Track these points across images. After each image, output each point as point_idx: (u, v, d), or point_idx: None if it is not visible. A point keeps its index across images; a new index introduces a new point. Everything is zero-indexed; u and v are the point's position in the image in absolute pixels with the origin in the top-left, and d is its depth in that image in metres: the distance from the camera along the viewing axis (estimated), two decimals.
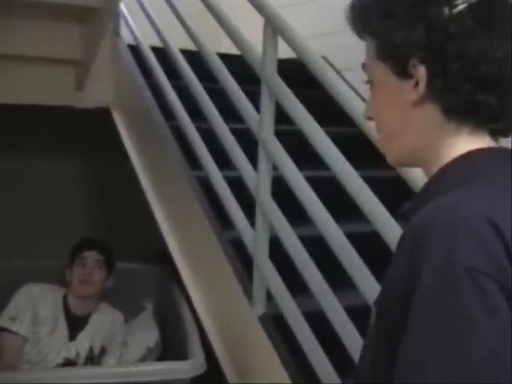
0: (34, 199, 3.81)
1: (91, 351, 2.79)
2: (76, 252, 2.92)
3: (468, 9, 0.82)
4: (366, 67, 0.93)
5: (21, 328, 2.72)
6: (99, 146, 3.62)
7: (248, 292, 2.16)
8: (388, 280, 0.81)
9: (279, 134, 2.09)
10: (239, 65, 2.32)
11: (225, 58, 2.50)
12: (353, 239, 1.81)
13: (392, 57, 0.88)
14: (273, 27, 2.03)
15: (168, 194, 2.78)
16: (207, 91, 2.57)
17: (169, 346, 2.92)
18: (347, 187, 1.77)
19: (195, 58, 2.67)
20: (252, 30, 2.32)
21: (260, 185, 2.10)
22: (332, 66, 2.39)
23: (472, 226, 0.72)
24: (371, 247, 1.70)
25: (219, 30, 2.47)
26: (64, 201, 3.89)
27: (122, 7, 3.27)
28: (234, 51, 2.39)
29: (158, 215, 2.75)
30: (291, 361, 1.97)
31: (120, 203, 3.77)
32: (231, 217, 2.28)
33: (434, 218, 0.74)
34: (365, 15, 0.90)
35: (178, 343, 2.52)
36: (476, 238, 0.71)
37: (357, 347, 1.68)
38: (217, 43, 3.29)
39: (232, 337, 2.30)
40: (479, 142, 0.86)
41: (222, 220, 2.35)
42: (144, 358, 2.86)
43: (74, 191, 3.95)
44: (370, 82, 0.93)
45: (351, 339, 1.73)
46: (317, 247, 1.89)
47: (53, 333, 2.77)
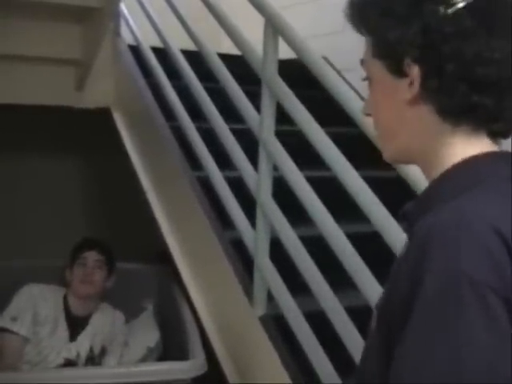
0: (35, 199, 3.81)
1: (92, 351, 2.79)
2: (76, 252, 2.92)
3: (466, 9, 0.81)
4: (365, 63, 0.93)
5: (21, 328, 2.72)
6: (99, 147, 3.62)
7: (248, 292, 2.16)
8: (391, 284, 0.80)
9: (280, 135, 2.09)
10: (240, 65, 2.32)
11: (225, 59, 2.50)
12: (353, 239, 1.81)
13: (387, 55, 0.87)
14: (273, 27, 2.03)
15: (168, 195, 2.78)
16: (208, 91, 2.57)
17: (169, 347, 2.92)
18: (348, 187, 1.77)
19: (196, 59, 2.67)
20: (252, 31, 2.32)
21: (260, 185, 2.10)
22: (332, 67, 2.38)
23: (477, 236, 0.71)
24: (372, 247, 1.70)
25: (220, 31, 2.47)
26: (64, 201, 3.89)
27: (123, 7, 3.27)
28: (235, 51, 2.38)
29: (159, 215, 2.75)
30: (292, 361, 1.97)
31: (120, 203, 3.77)
32: (232, 217, 2.28)
33: (439, 227, 0.73)
34: (362, 12, 0.89)
35: (179, 343, 2.52)
36: (481, 248, 0.70)
37: (357, 347, 1.68)
38: (217, 43, 3.29)
39: (232, 337, 2.30)
40: (477, 143, 0.85)
41: (223, 220, 2.35)
42: (144, 359, 2.86)
43: (75, 191, 3.95)
44: (368, 79, 0.93)
45: (352, 339, 1.73)
46: (317, 247, 1.89)
47: (53, 333, 2.77)
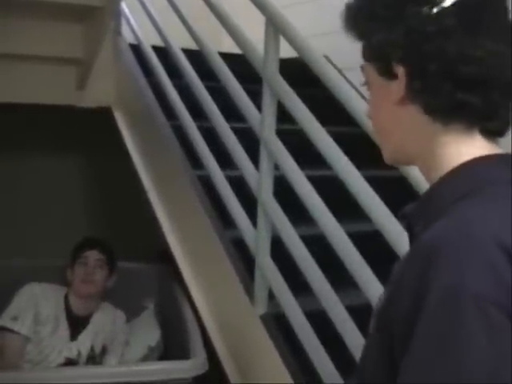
0: (35, 198, 3.82)
1: (93, 351, 2.79)
2: (77, 251, 2.92)
3: (450, 8, 0.81)
4: (363, 68, 0.94)
5: (22, 328, 2.72)
6: (100, 146, 3.62)
7: (250, 291, 2.16)
8: (391, 291, 0.80)
9: (281, 134, 2.09)
10: (241, 64, 2.32)
11: (226, 57, 2.50)
12: (354, 238, 1.81)
13: (375, 58, 0.89)
14: (274, 26, 2.03)
15: (169, 194, 2.78)
16: (209, 90, 2.57)
17: (170, 346, 2.92)
18: (349, 186, 1.77)
19: (197, 58, 2.67)
20: (253, 30, 2.32)
21: (262, 184, 2.10)
22: (333, 66, 2.38)
23: (480, 250, 0.71)
24: (373, 246, 1.70)
25: (221, 30, 2.46)
26: (65, 200, 3.89)
27: (124, 6, 3.27)
28: (236, 50, 2.38)
29: (160, 215, 2.75)
30: (293, 360, 1.97)
31: (121, 203, 3.77)
32: (233, 216, 2.28)
33: (443, 240, 0.73)
34: (354, 17, 0.91)
35: (180, 342, 2.52)
36: (484, 262, 0.70)
37: (358, 347, 1.68)
38: (218, 42, 3.29)
39: (233, 336, 2.30)
40: (471, 142, 0.85)
41: (224, 219, 2.35)
42: (145, 358, 2.86)
43: (76, 190, 3.96)
44: (367, 83, 0.94)
45: (353, 339, 1.73)
46: (318, 246, 1.89)
47: (54, 332, 2.77)
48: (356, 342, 1.71)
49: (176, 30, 2.86)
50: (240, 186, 2.28)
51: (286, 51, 2.06)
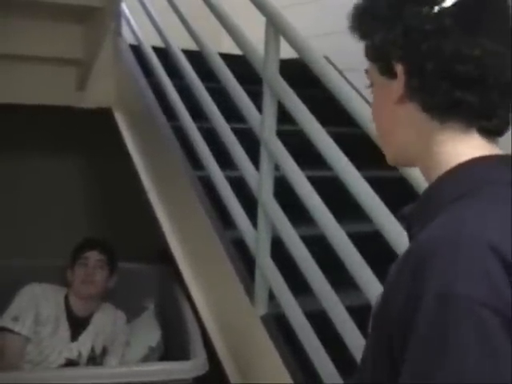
0: (36, 199, 3.82)
1: (93, 351, 2.79)
2: (78, 252, 2.92)
3: (450, 8, 0.83)
4: (368, 72, 0.95)
5: (23, 328, 2.72)
6: (101, 146, 3.62)
7: (250, 292, 2.16)
8: (387, 293, 0.80)
9: (281, 134, 2.09)
10: (241, 64, 2.32)
11: (226, 58, 2.50)
12: (354, 239, 1.81)
13: (377, 57, 0.90)
14: (275, 27, 2.03)
15: (170, 194, 2.78)
16: (209, 91, 2.57)
17: (171, 346, 2.92)
18: (349, 187, 1.77)
19: (197, 58, 2.67)
20: (254, 30, 2.32)
21: (262, 185, 2.10)
22: (334, 67, 2.38)
23: (474, 255, 0.70)
24: (373, 247, 1.70)
25: (221, 30, 2.47)
26: (65, 201, 3.90)
27: (124, 7, 3.27)
28: (236, 51, 2.38)
29: (160, 215, 2.75)
30: (293, 361, 1.97)
31: (121, 203, 3.77)
32: (233, 217, 2.28)
33: (437, 243, 0.73)
34: (358, 17, 0.92)
35: (180, 343, 2.52)
36: (478, 268, 0.70)
37: (359, 347, 1.68)
38: (218, 43, 3.29)
39: (234, 337, 2.30)
40: (468, 141, 0.85)
41: (224, 220, 2.35)
42: (146, 358, 2.86)
43: (76, 191, 3.96)
44: (371, 85, 0.95)
45: (353, 339, 1.73)
46: (319, 247, 1.89)
47: (54, 333, 2.77)
48: (356, 343, 1.71)
49: (176, 31, 2.86)
50: (240, 187, 2.28)
51: (287, 52, 2.06)
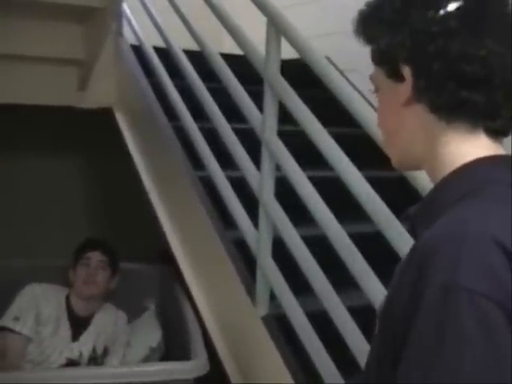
0: (36, 199, 3.82)
1: (94, 351, 2.79)
2: (80, 252, 2.92)
3: (455, 11, 0.84)
4: (372, 77, 0.96)
5: (24, 328, 2.72)
6: (102, 146, 3.62)
7: (251, 292, 2.16)
8: (392, 292, 0.81)
9: (282, 134, 2.09)
10: (242, 65, 2.32)
11: (227, 58, 2.50)
12: (356, 239, 1.81)
13: (383, 60, 0.91)
14: (276, 27, 2.03)
15: (171, 194, 2.78)
16: (210, 91, 2.57)
17: (172, 346, 2.92)
18: (350, 187, 1.77)
19: (198, 58, 2.67)
20: (255, 30, 2.32)
21: (263, 185, 2.10)
22: (335, 67, 2.38)
23: (478, 249, 0.71)
24: (374, 247, 1.70)
25: (222, 30, 2.46)
26: (66, 201, 3.90)
27: (125, 7, 3.27)
28: (237, 51, 2.38)
29: (161, 215, 2.75)
30: (294, 361, 1.97)
31: (122, 203, 3.77)
32: (234, 217, 2.28)
33: (441, 240, 0.74)
34: (364, 22, 0.93)
35: (181, 343, 2.52)
36: (481, 261, 0.71)
37: (360, 347, 1.68)
38: (219, 43, 3.29)
39: (235, 337, 2.30)
40: (473, 141, 0.86)
41: (225, 220, 2.35)
42: (147, 359, 2.86)
43: (77, 191, 3.96)
44: (377, 91, 0.96)
45: (354, 339, 1.73)
46: (320, 247, 1.89)
47: (55, 333, 2.77)
48: (357, 343, 1.71)
49: (177, 31, 2.86)
50: (241, 187, 2.28)
51: (288, 52, 2.06)
